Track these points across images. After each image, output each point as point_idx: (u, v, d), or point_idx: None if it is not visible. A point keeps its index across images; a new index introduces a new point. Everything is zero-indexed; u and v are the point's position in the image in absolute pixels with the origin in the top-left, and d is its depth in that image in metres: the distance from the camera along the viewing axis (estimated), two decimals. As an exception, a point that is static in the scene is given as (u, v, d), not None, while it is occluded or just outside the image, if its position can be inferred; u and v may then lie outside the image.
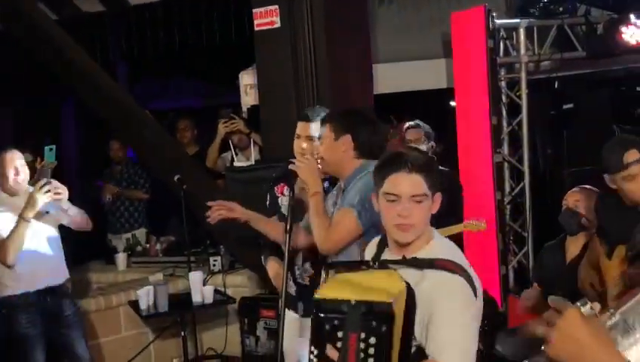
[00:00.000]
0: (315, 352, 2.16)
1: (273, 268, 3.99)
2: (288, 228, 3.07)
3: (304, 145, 3.69)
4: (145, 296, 4.94)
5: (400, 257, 2.38)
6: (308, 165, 3.23)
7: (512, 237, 5.95)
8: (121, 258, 6.24)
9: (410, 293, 2.17)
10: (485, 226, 4.46)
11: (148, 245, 6.50)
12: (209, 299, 4.98)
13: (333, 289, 2.23)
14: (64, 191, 4.35)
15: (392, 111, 6.60)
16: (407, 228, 2.33)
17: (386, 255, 2.47)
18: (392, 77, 6.40)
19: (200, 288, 4.99)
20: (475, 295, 2.28)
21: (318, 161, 3.26)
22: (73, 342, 4.60)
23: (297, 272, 3.79)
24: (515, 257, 5.89)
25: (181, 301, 5.08)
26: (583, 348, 1.32)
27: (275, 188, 4.03)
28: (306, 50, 5.26)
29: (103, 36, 7.21)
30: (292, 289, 3.89)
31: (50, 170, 4.37)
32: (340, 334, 2.09)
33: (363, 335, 2.05)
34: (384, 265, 2.37)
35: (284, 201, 3.97)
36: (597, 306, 1.38)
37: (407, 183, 2.31)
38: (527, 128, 5.83)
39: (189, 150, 6.51)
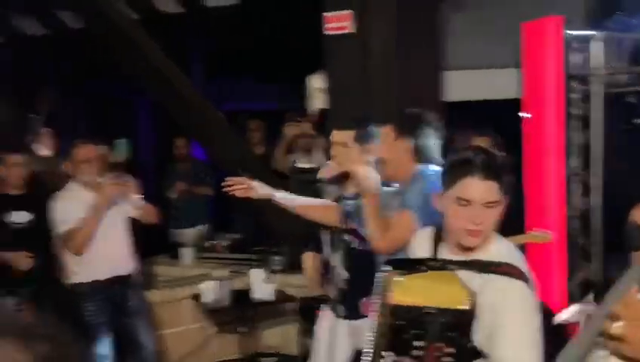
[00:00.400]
0: (391, 359, 2.20)
1: (307, 261, 4.03)
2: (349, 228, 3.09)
3: (336, 152, 3.71)
4: (208, 291, 5.07)
5: (459, 258, 2.35)
6: (365, 166, 3.25)
7: (579, 252, 5.83)
8: (187, 253, 6.38)
9: (472, 298, 2.18)
10: (550, 238, 4.40)
11: (214, 241, 6.63)
12: (269, 296, 5.07)
13: (406, 294, 2.24)
14: (134, 185, 4.50)
15: (462, 119, 6.57)
16: (478, 233, 2.30)
17: (443, 252, 2.43)
18: (463, 85, 6.35)
19: (261, 285, 5.08)
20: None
21: (377, 162, 3.28)
22: (139, 331, 4.73)
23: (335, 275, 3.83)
24: (582, 273, 5.77)
25: (242, 297, 5.17)
26: None
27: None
28: (376, 55, 5.28)
29: (179, 37, 7.37)
30: (333, 293, 3.94)
31: (121, 163, 4.53)
32: (415, 343, 2.13)
33: (442, 345, 2.09)
34: (444, 266, 2.33)
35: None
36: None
37: (481, 189, 2.26)
38: (598, 142, 5.70)
39: (256, 150, 6.61)
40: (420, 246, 2.54)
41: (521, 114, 5.79)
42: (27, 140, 4.70)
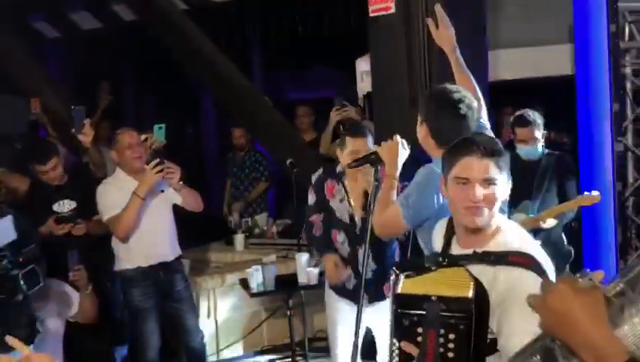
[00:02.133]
0: (397, 345, 2.17)
1: (331, 261, 3.98)
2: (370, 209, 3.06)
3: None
4: (254, 275, 5.09)
5: (470, 251, 2.31)
6: (390, 147, 3.16)
7: (633, 231, 5.63)
8: (239, 239, 6.44)
9: (480, 287, 2.12)
10: (599, 197, 4.44)
11: (264, 228, 6.68)
12: (313, 280, 5.05)
13: (410, 285, 2.21)
14: (176, 172, 4.51)
15: (514, 98, 6.44)
16: (477, 210, 2.29)
17: (455, 247, 2.41)
18: (514, 62, 6.23)
19: (306, 270, 5.08)
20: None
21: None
22: (184, 316, 4.79)
23: (359, 267, 3.79)
24: (636, 251, 5.57)
25: (288, 281, 5.18)
26: (571, 322, 1.26)
27: (325, 188, 4.07)
28: (420, 35, 5.20)
29: (230, 25, 7.41)
30: (350, 284, 3.96)
31: (162, 150, 4.57)
32: (419, 330, 2.09)
33: (442, 332, 2.05)
34: (455, 262, 2.25)
35: (333, 203, 4.01)
36: (599, 275, 1.31)
37: (478, 167, 2.29)
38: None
39: (306, 136, 6.61)
40: (436, 240, 2.53)
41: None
42: (72, 131, 4.76)
